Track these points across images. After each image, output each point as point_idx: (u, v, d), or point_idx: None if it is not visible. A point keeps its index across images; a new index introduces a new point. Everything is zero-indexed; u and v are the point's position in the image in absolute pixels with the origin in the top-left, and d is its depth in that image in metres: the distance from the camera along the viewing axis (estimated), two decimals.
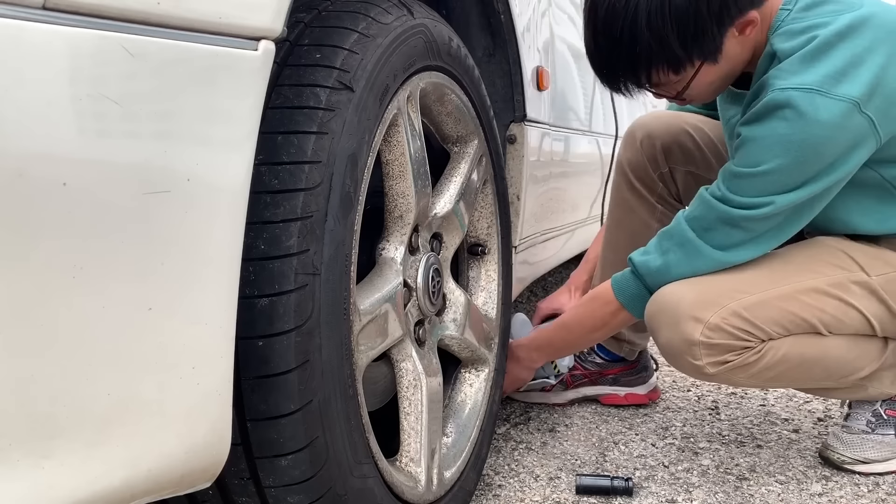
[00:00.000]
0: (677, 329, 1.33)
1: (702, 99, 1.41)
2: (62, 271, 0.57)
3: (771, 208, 1.26)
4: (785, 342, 1.34)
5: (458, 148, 1.31)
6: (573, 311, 1.60)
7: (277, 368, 0.80)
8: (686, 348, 1.34)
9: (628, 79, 1.32)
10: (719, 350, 1.32)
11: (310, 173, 0.83)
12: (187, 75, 0.65)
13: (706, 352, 1.32)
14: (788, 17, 1.28)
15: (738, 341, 1.32)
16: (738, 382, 1.42)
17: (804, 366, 1.37)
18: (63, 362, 0.58)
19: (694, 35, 1.23)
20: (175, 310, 0.65)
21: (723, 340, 1.31)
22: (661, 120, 1.71)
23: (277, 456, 0.82)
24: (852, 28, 1.22)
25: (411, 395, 1.11)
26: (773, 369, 1.35)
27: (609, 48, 1.28)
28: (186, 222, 0.65)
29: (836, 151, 1.22)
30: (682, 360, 1.37)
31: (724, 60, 1.29)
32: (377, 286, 1.03)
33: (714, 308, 1.31)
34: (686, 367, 1.37)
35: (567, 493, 1.41)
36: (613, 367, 1.85)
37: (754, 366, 1.34)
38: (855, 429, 1.52)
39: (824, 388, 1.48)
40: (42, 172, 0.55)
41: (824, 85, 1.19)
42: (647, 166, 1.70)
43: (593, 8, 1.27)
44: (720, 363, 1.33)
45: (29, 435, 0.57)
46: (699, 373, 1.36)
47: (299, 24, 0.92)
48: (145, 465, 0.65)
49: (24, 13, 0.54)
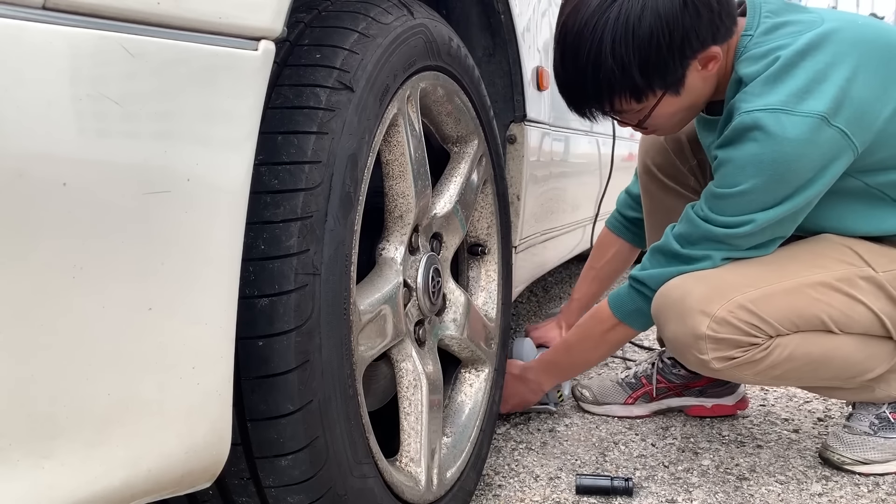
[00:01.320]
0: (684, 323, 1.33)
1: (665, 130, 1.45)
2: (62, 271, 0.57)
3: (752, 226, 1.29)
4: (793, 340, 1.34)
5: (458, 148, 1.31)
6: (574, 331, 1.62)
7: (277, 368, 0.80)
8: (692, 342, 1.33)
9: (592, 104, 1.34)
10: (726, 345, 1.32)
11: (310, 173, 0.83)
12: (187, 75, 0.65)
13: (712, 346, 1.32)
14: (751, 43, 1.31)
15: (745, 336, 1.31)
16: (743, 379, 1.42)
17: (811, 365, 1.37)
18: (63, 362, 0.58)
19: (656, 65, 1.26)
20: (175, 310, 0.65)
21: (729, 335, 1.31)
22: None
23: (277, 456, 0.82)
24: (813, 46, 1.24)
25: (411, 395, 1.11)
26: (780, 367, 1.35)
27: (575, 73, 1.30)
28: (186, 222, 0.65)
29: (811, 166, 1.24)
30: (688, 354, 1.36)
31: (685, 93, 1.32)
32: (377, 286, 1.03)
33: (720, 301, 1.31)
34: (692, 361, 1.37)
35: (567, 493, 1.41)
36: (699, 378, 1.81)
37: (760, 363, 1.33)
38: (857, 430, 1.51)
39: (830, 387, 1.47)
40: (42, 172, 0.55)
41: (788, 104, 1.21)
42: (675, 162, 1.69)
43: (562, 32, 1.29)
44: (726, 359, 1.33)
45: (29, 435, 0.57)
46: (705, 368, 1.36)
47: (299, 24, 0.92)
48: (145, 465, 0.65)
49: (24, 13, 0.54)
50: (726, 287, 1.32)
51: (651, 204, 1.76)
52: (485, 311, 1.44)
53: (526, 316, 2.94)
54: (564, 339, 1.65)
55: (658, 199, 1.73)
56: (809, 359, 1.36)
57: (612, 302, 1.48)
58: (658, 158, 1.71)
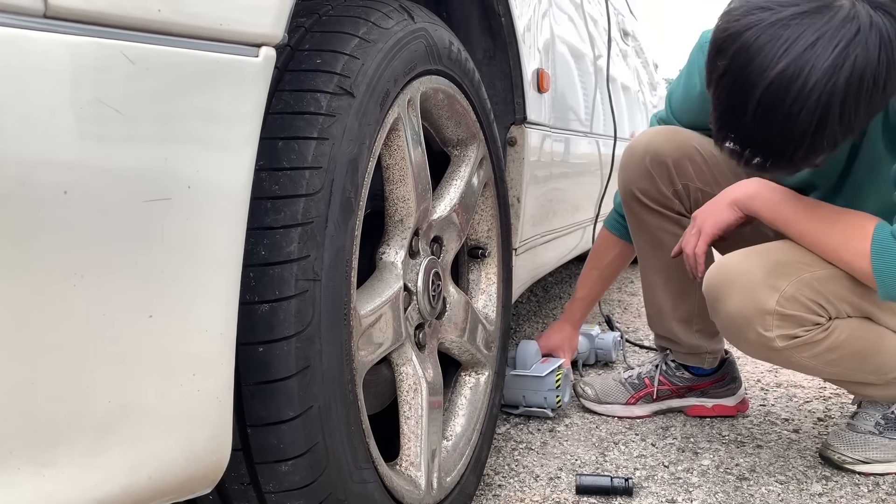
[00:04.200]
0: (751, 297, 1.31)
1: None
2: (63, 279, 0.57)
3: None
4: (850, 323, 1.34)
5: (459, 151, 1.31)
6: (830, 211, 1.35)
7: (278, 374, 0.80)
8: (758, 318, 1.31)
9: (785, 164, 1.19)
10: (791, 322, 1.30)
11: (310, 179, 0.83)
12: (188, 82, 0.65)
13: (778, 323, 1.30)
14: None
15: (810, 314, 1.30)
16: (798, 363, 1.38)
17: (863, 353, 1.36)
18: (64, 370, 0.58)
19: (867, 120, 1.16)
20: (176, 317, 0.66)
21: (796, 312, 1.30)
22: (664, 138, 1.67)
23: (278, 461, 0.82)
24: None
25: (411, 399, 1.11)
26: (836, 351, 1.33)
27: (784, 133, 1.13)
28: (187, 230, 0.65)
29: None
30: (749, 331, 1.33)
31: None
32: (377, 291, 1.03)
33: (789, 278, 1.30)
34: (752, 339, 1.34)
35: (567, 493, 1.41)
36: (702, 381, 1.83)
37: (820, 344, 1.32)
38: (861, 428, 1.51)
39: (862, 382, 1.44)
40: (43, 181, 0.55)
41: None
42: (660, 187, 1.66)
43: (771, 83, 1.10)
44: (790, 337, 1.32)
45: (30, 442, 0.57)
46: (765, 347, 1.34)
47: (300, 29, 0.92)
48: (146, 471, 0.65)
49: (25, 22, 0.54)
50: (793, 264, 1.31)
51: (638, 226, 1.75)
52: (485, 313, 1.44)
53: (526, 316, 2.94)
54: (816, 203, 1.38)
55: (644, 221, 1.72)
56: (862, 345, 1.35)
57: (878, 235, 1.26)
58: (642, 184, 1.68)
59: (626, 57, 3.24)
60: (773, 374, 2.17)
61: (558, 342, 1.99)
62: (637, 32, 3.77)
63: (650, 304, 1.81)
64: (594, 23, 2.41)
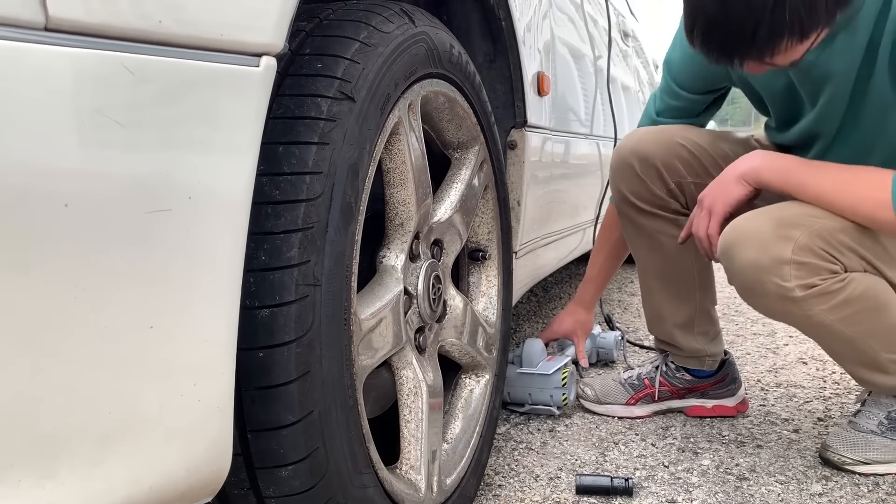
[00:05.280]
0: (766, 249, 1.32)
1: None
2: (64, 290, 0.57)
3: None
4: (866, 278, 1.35)
5: (460, 154, 1.31)
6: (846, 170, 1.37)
7: (278, 379, 0.80)
8: (775, 269, 1.32)
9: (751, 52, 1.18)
10: (808, 270, 1.31)
11: (311, 184, 0.83)
12: (189, 93, 0.65)
13: (796, 272, 1.31)
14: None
15: (826, 262, 1.32)
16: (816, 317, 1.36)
17: (879, 311, 1.36)
18: (65, 381, 0.58)
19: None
20: (176, 328, 0.66)
21: (812, 260, 1.31)
22: (650, 139, 1.67)
23: (278, 466, 0.82)
24: None
25: (412, 403, 1.11)
26: (852, 305, 1.34)
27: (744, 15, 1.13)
28: (188, 241, 0.65)
29: None
30: (767, 283, 1.33)
31: None
32: (378, 295, 1.03)
33: (802, 228, 1.31)
34: (771, 291, 1.34)
35: (567, 493, 1.42)
36: (702, 382, 1.82)
37: (837, 295, 1.33)
38: (863, 427, 1.51)
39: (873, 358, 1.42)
40: (45, 193, 0.55)
41: None
42: (652, 189, 1.66)
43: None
44: (808, 286, 1.32)
45: (30, 455, 0.57)
46: (784, 298, 1.34)
47: (300, 33, 0.92)
48: (147, 482, 0.65)
49: (26, 34, 0.54)
50: (802, 217, 1.33)
51: (634, 231, 1.74)
52: (485, 316, 1.44)
53: (526, 317, 2.94)
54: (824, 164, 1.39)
55: (641, 225, 1.71)
56: (878, 302, 1.35)
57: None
58: (634, 187, 1.67)
59: (626, 57, 3.23)
60: (772, 375, 2.17)
61: (571, 326, 1.98)
62: (637, 33, 3.76)
63: (649, 309, 1.81)
64: (594, 23, 2.41)
